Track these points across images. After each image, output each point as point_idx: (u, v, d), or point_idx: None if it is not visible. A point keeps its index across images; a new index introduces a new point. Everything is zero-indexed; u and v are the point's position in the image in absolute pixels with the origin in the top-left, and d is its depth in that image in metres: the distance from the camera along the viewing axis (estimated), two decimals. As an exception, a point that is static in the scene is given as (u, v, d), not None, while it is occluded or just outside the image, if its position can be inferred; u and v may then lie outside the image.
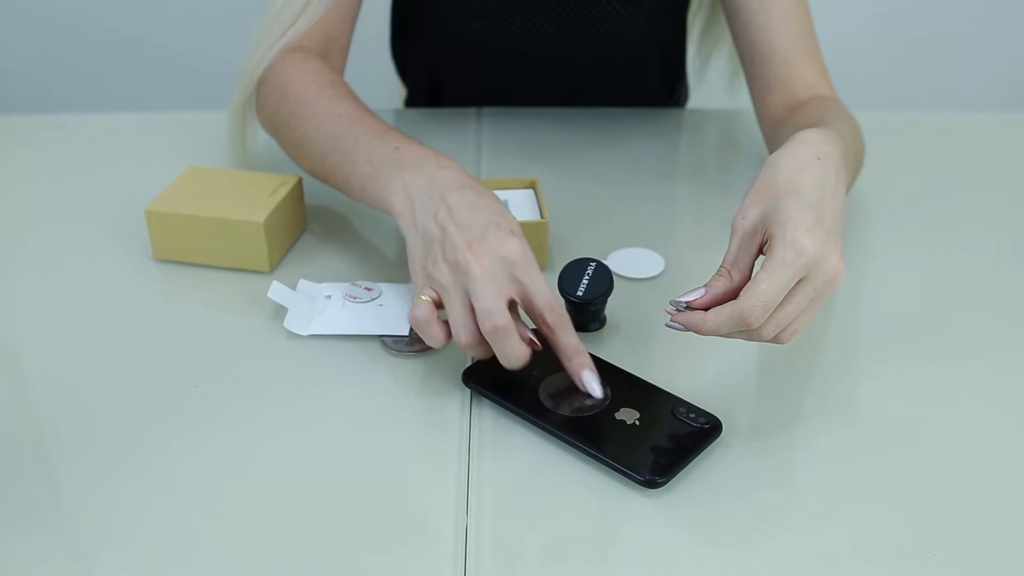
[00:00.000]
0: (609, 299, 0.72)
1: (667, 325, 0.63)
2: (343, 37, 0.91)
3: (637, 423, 0.63)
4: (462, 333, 0.64)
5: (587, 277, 0.71)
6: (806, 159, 0.65)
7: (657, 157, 1.02)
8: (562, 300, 0.72)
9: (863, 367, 0.72)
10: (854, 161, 0.79)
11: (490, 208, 0.67)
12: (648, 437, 0.62)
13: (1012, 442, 0.65)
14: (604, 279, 0.71)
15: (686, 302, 0.63)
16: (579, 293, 0.71)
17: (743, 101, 0.97)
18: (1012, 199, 0.95)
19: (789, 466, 0.63)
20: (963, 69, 2.17)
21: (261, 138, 0.92)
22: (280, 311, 0.75)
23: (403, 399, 0.67)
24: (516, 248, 0.64)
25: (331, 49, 0.90)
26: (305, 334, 0.73)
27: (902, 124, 1.11)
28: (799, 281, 0.61)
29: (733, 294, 0.62)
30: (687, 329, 0.62)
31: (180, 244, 0.81)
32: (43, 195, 0.93)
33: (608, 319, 0.75)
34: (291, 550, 0.56)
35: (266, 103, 0.86)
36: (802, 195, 0.63)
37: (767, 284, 0.60)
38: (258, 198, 0.81)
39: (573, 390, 0.65)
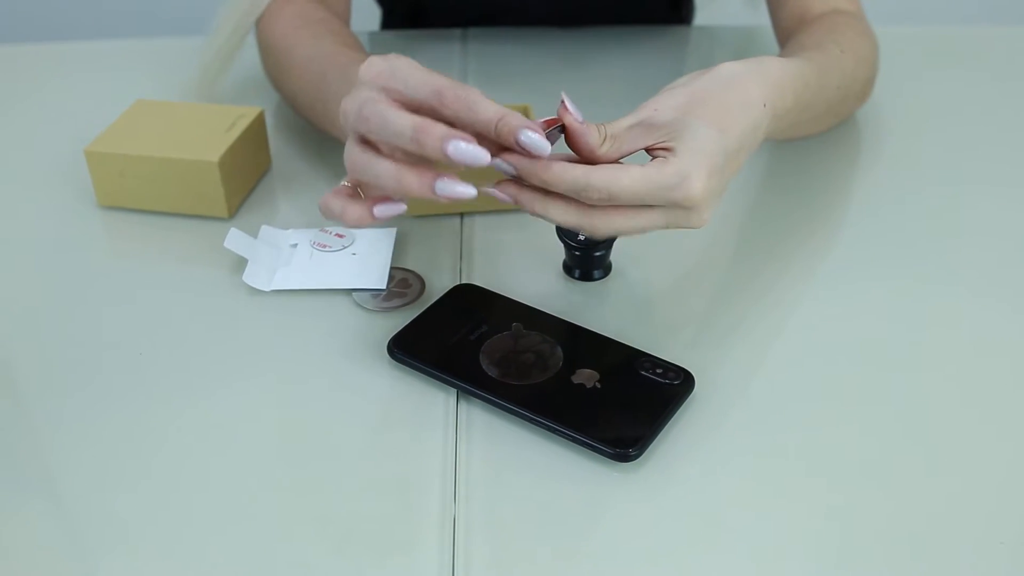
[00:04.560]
0: (615, 244, 0.63)
1: (492, 161, 0.51)
2: None
3: (598, 386, 0.55)
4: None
5: (589, 218, 0.62)
6: (752, 100, 0.57)
7: (663, 80, 0.91)
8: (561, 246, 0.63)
9: (840, 301, 0.63)
10: (822, 104, 0.70)
11: None
12: (613, 402, 0.54)
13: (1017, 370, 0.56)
14: (609, 220, 0.62)
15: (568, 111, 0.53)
16: (581, 237, 0.62)
17: (763, 17, 0.87)
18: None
19: (777, 421, 0.54)
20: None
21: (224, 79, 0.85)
22: (241, 263, 0.66)
23: (378, 363, 0.58)
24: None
25: None
26: (267, 289, 0.63)
27: (916, 39, 1.01)
28: (656, 206, 0.53)
29: (587, 153, 0.54)
30: (513, 171, 0.52)
31: (126, 188, 0.71)
32: (-24, 135, 0.83)
33: (614, 266, 0.65)
34: (256, 533, 0.47)
35: (264, 63, 0.83)
36: (728, 135, 0.55)
37: (630, 182, 0.51)
38: (214, 134, 0.71)
39: (521, 353, 0.57)
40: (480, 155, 0.49)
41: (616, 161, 0.55)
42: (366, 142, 0.53)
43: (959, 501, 0.50)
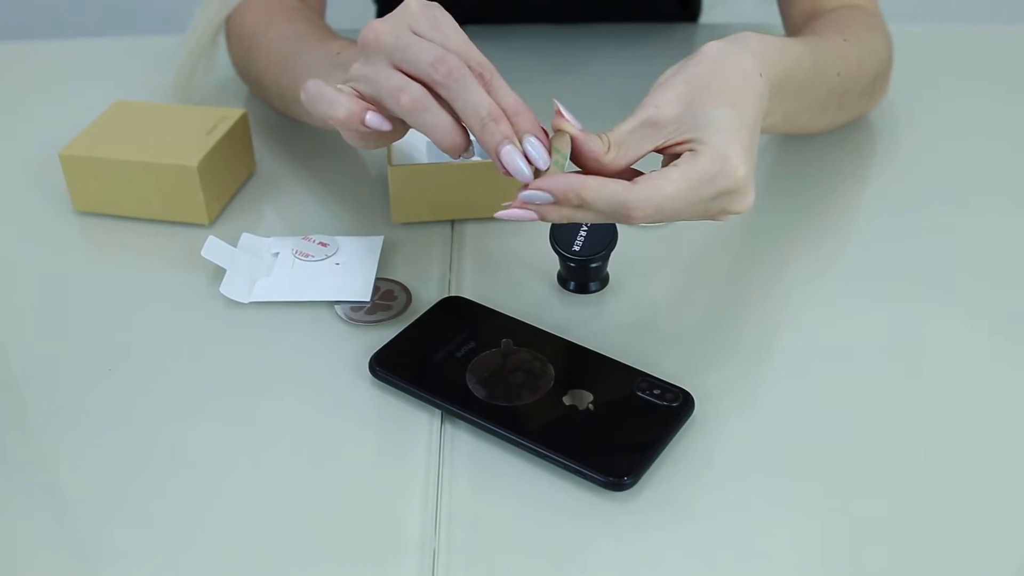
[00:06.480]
0: (613, 254, 0.59)
1: (523, 196, 0.49)
2: None
3: (591, 407, 0.51)
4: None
5: (585, 228, 0.59)
6: (748, 70, 0.53)
7: (667, 81, 0.88)
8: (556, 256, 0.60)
9: (850, 317, 0.59)
10: (822, 89, 0.66)
11: None
12: (607, 425, 0.50)
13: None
14: (606, 230, 0.58)
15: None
16: (576, 248, 0.58)
17: (774, 14, 0.83)
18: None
19: (782, 448, 0.50)
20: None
21: (208, 81, 0.83)
22: (220, 272, 0.62)
23: (359, 381, 0.55)
24: None
25: None
26: (246, 301, 0.60)
27: (935, 37, 0.97)
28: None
29: (592, 162, 0.51)
30: (551, 199, 0.49)
31: (103, 193, 0.68)
32: (-47, 137, 0.80)
33: (611, 277, 0.62)
34: (226, 557, 0.44)
35: (232, 51, 0.81)
36: (742, 110, 0.51)
37: (675, 189, 0.48)
38: (194, 137, 0.68)
39: (510, 371, 0.53)
40: (523, 173, 0.50)
41: (626, 168, 0.51)
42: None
43: (976, 530, 0.46)
